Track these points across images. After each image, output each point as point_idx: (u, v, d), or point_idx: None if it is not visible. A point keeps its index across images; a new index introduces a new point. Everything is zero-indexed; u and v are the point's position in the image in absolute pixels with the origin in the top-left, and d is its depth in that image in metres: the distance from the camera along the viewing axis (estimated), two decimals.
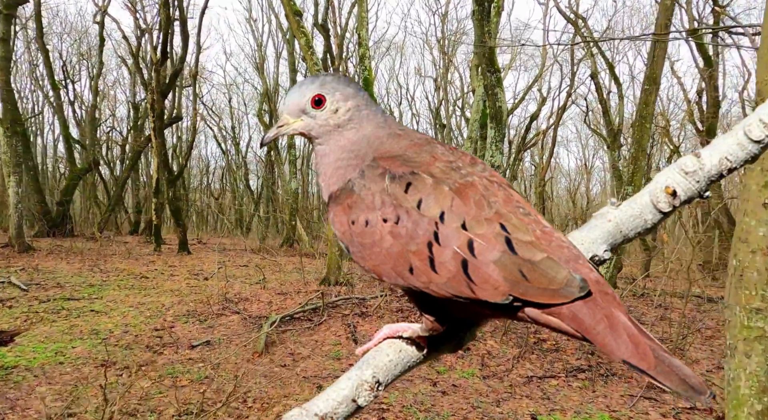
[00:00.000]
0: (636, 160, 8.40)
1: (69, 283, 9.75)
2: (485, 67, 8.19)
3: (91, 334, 6.75)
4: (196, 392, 5.01)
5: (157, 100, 15.93)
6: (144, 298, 8.93)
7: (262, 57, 26.28)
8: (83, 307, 8.02)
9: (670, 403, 5.40)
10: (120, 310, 8.02)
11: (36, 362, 5.62)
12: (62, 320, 7.30)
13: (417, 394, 5.23)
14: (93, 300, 8.56)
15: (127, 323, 7.33)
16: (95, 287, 9.66)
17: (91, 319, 7.41)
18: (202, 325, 7.37)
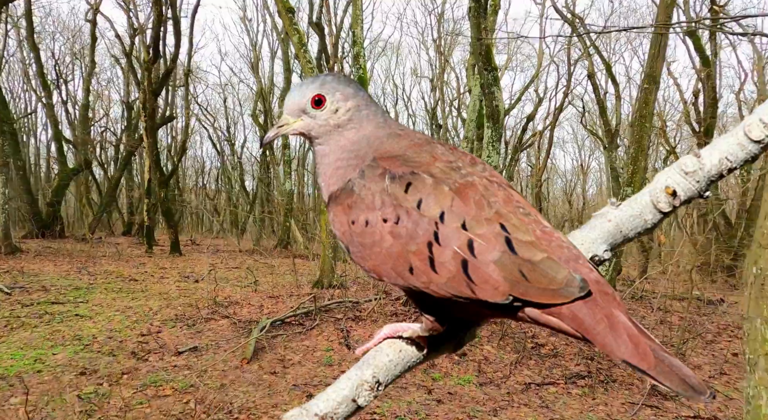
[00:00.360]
0: (636, 161, 8.23)
1: (54, 286, 9.49)
2: (482, 66, 8.01)
3: (73, 340, 6.51)
4: (180, 402, 4.77)
5: (149, 99, 15.68)
6: (131, 301, 8.69)
7: (256, 56, 26.06)
8: (67, 312, 7.77)
9: (673, 411, 5.23)
10: (106, 314, 7.77)
11: (13, 371, 5.37)
12: (44, 325, 7.05)
13: (411, 403, 5.02)
14: (78, 304, 8.31)
15: (112, 328, 7.09)
16: (81, 290, 9.38)
17: (75, 324, 7.16)
18: (189, 330, 7.14)
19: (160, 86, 17.36)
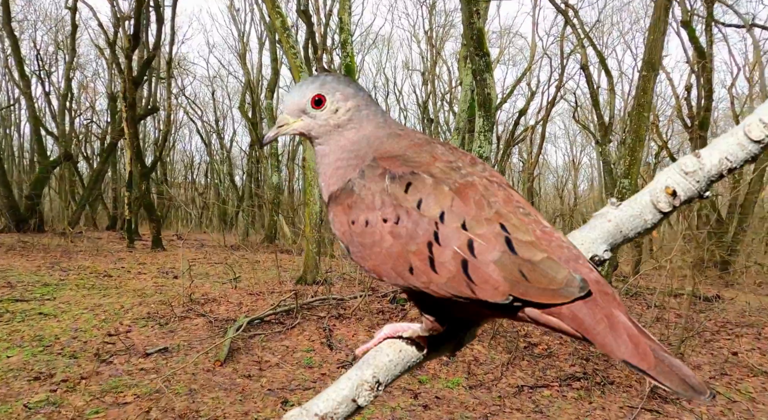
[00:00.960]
0: (633, 152, 7.90)
1: (21, 283, 8.98)
2: (473, 51, 7.60)
3: (33, 341, 6.03)
4: (141, 410, 4.33)
5: (129, 89, 15.10)
6: (102, 299, 8.21)
7: (244, 47, 25.42)
8: (31, 310, 7.27)
9: (674, 415, 4.91)
10: (72, 312, 7.29)
11: None
12: (3, 325, 6.55)
13: (396, 409, 4.65)
14: (44, 301, 7.81)
15: (77, 328, 6.62)
16: (50, 287, 8.87)
17: (37, 324, 6.68)
18: (161, 330, 6.69)
19: (141, 74, 16.80)
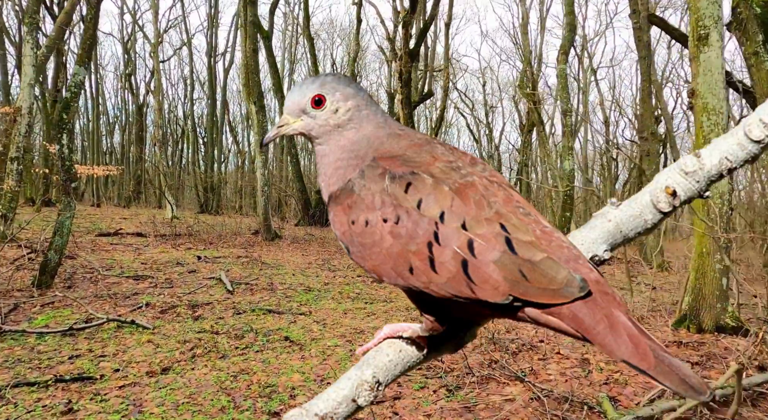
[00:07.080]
0: None
1: (284, 285, 7.50)
2: None
3: (260, 394, 4.27)
4: None
5: (404, 62, 16.17)
6: (367, 319, 6.47)
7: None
8: (278, 330, 5.82)
9: None
10: (324, 343, 5.56)
11: None
12: (236, 355, 5.09)
13: None
14: (297, 318, 6.27)
15: (322, 377, 4.75)
16: (312, 293, 7.37)
17: (276, 360, 5.04)
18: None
19: (417, 44, 17.52)
